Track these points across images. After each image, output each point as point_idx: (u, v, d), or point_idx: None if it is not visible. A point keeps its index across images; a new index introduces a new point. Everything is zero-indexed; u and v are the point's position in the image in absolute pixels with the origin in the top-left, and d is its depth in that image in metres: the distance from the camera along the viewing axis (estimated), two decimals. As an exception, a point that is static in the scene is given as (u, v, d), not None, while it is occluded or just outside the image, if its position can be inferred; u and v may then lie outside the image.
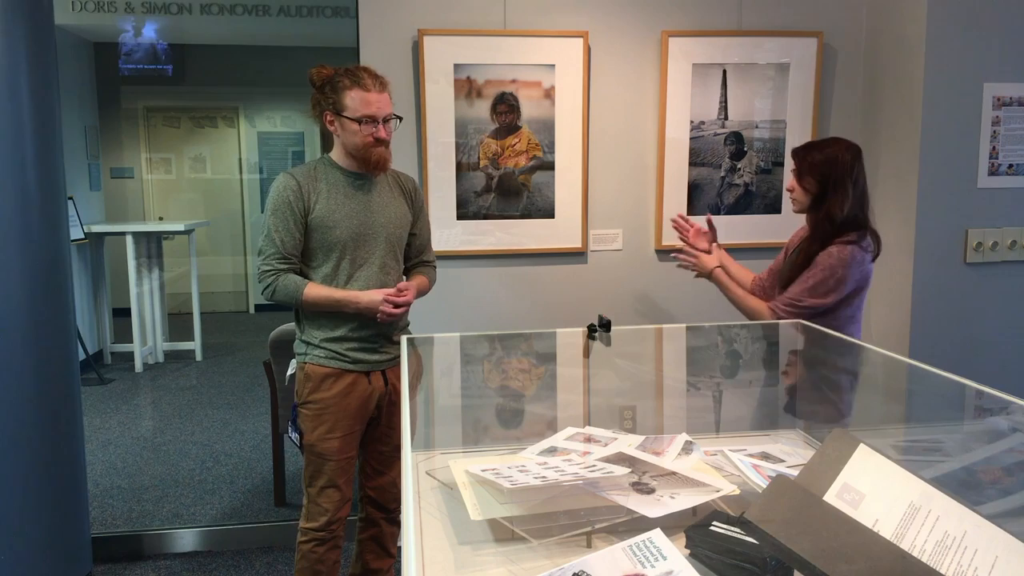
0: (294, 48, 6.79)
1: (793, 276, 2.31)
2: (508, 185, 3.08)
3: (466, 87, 3.00)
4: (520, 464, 1.32)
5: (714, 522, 1.12)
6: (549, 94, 3.05)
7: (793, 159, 2.34)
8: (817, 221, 2.28)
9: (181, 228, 6.34)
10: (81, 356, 4.51)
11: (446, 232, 3.06)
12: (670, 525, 1.09)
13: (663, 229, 3.16)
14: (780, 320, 2.27)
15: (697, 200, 3.18)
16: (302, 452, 2.40)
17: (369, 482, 2.49)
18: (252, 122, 8.10)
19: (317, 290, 2.23)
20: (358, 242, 2.26)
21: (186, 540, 3.21)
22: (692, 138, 3.15)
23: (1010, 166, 3.00)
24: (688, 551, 1.10)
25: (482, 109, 3.02)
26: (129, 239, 6.10)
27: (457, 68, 2.99)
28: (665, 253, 3.16)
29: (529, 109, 3.05)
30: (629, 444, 1.38)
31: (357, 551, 2.56)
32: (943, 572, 0.88)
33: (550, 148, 3.08)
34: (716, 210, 3.19)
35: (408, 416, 1.45)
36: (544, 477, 1.23)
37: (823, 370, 2.17)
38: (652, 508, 1.17)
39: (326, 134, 2.31)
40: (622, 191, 3.17)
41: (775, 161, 3.19)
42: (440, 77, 2.98)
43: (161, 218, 7.87)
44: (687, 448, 1.38)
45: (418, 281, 2.40)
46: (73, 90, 6.34)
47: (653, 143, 3.16)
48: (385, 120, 2.22)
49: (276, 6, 5.89)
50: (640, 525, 1.10)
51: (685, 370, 2.30)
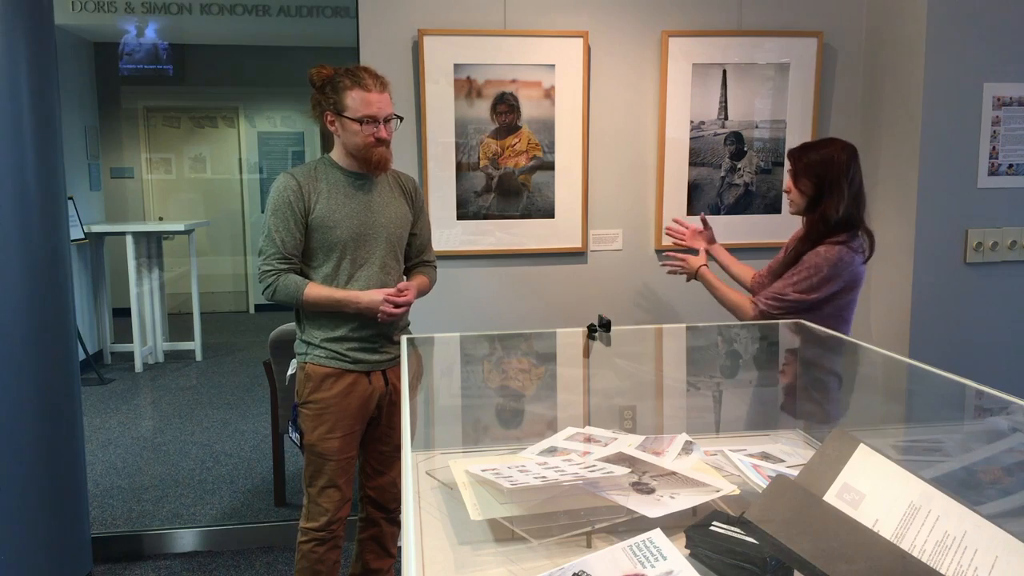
0: (294, 48, 6.79)
1: (783, 274, 2.33)
2: (508, 185, 3.08)
3: (466, 87, 3.00)
4: (520, 464, 1.32)
5: (714, 522, 1.12)
6: (549, 94, 3.05)
7: (789, 160, 2.34)
8: (812, 222, 2.29)
9: (181, 228, 6.35)
10: (81, 356, 4.51)
11: (446, 232, 3.06)
12: (670, 525, 1.09)
13: (663, 229, 3.16)
14: (762, 313, 2.28)
15: (697, 200, 3.18)
16: (302, 452, 2.40)
17: (369, 482, 2.49)
18: (252, 122, 8.10)
19: (318, 290, 2.23)
20: (359, 242, 2.26)
21: (186, 540, 3.21)
22: (692, 138, 3.15)
23: (1010, 166, 3.00)
24: (688, 551, 1.10)
25: (482, 109, 3.02)
26: (129, 239, 6.10)
27: (457, 68, 2.99)
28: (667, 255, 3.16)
29: (529, 109, 3.05)
30: (629, 444, 1.38)
31: (357, 551, 2.56)
32: (943, 572, 0.88)
33: (550, 148, 3.08)
34: (716, 210, 3.19)
35: (408, 416, 1.45)
36: (544, 477, 1.23)
37: (823, 370, 2.17)
38: (652, 508, 1.17)
39: (326, 134, 2.31)
40: (622, 191, 3.17)
41: (775, 161, 3.19)
42: (440, 77, 2.98)
43: (161, 218, 7.87)
44: (687, 448, 1.38)
45: (418, 281, 2.41)
46: (73, 90, 6.34)
47: (653, 143, 3.16)
48: (386, 120, 2.22)
49: (276, 6, 5.89)
50: (640, 525, 1.10)
51: (685, 370, 2.30)
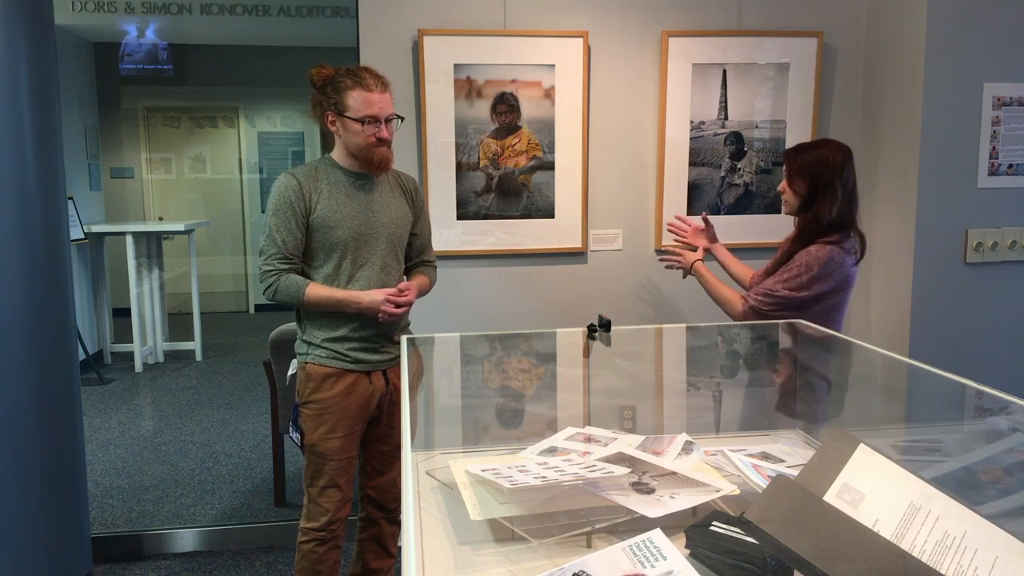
0: (294, 48, 6.79)
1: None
2: (508, 185, 3.08)
3: (466, 87, 3.00)
4: (520, 464, 1.32)
5: (714, 522, 1.12)
6: (549, 94, 3.05)
7: (784, 161, 2.35)
8: (805, 222, 2.29)
9: (181, 228, 6.35)
10: (81, 356, 4.52)
11: (446, 232, 3.06)
12: (670, 525, 1.09)
13: (663, 229, 3.16)
14: (752, 308, 2.28)
15: (697, 200, 3.18)
16: (303, 452, 2.40)
17: (369, 482, 2.49)
18: (252, 122, 8.10)
19: (319, 290, 2.23)
20: (359, 242, 2.26)
21: (186, 540, 3.21)
22: (692, 138, 3.15)
23: (1010, 166, 3.00)
24: (688, 551, 1.10)
25: (482, 109, 3.02)
26: (129, 239, 6.10)
27: (457, 68, 2.99)
28: (665, 253, 3.16)
29: (529, 109, 3.05)
30: (629, 444, 1.38)
31: (357, 551, 2.56)
32: (943, 572, 0.88)
33: (550, 148, 3.08)
34: (716, 210, 3.19)
35: (408, 416, 1.45)
36: (544, 477, 1.23)
37: (823, 370, 2.17)
38: (652, 508, 1.17)
39: (326, 134, 2.31)
40: (622, 191, 3.17)
41: (775, 161, 3.19)
42: (440, 77, 2.98)
43: (161, 218, 7.87)
44: (687, 448, 1.38)
45: (419, 281, 2.41)
46: (73, 90, 6.34)
47: (653, 143, 3.16)
48: (387, 120, 2.22)
49: (276, 6, 5.89)
50: (640, 525, 1.10)
51: (685, 370, 2.30)
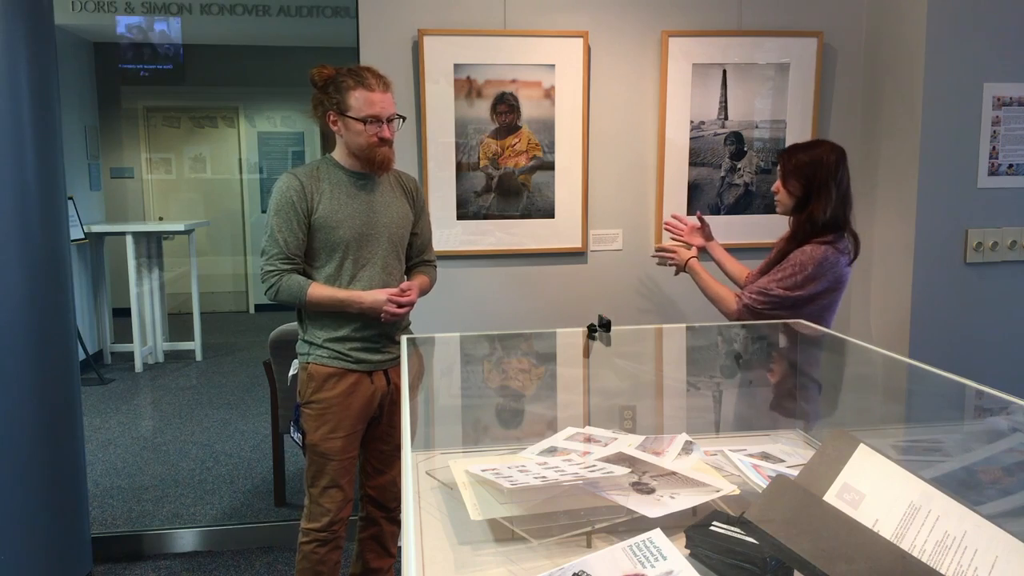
0: (294, 48, 6.79)
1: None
2: (508, 185, 3.08)
3: (466, 87, 3.00)
4: (520, 464, 1.32)
5: (714, 522, 1.12)
6: (549, 94, 3.05)
7: (779, 162, 2.35)
8: (799, 222, 2.30)
9: (181, 228, 6.35)
10: (81, 356, 4.51)
11: (446, 232, 3.06)
12: (670, 525, 1.09)
13: (663, 229, 3.16)
14: (746, 307, 2.28)
15: (697, 200, 3.18)
16: (304, 452, 2.40)
17: (370, 481, 2.49)
18: (252, 122, 8.09)
19: (321, 290, 2.23)
20: (361, 242, 2.26)
21: (186, 540, 3.21)
22: (692, 138, 3.15)
23: (1010, 166, 3.00)
24: (688, 551, 1.10)
25: (482, 109, 3.02)
26: (129, 239, 6.10)
27: (457, 68, 2.99)
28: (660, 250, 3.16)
29: (529, 109, 3.05)
30: (629, 444, 1.39)
31: (357, 550, 2.56)
32: (943, 572, 0.88)
33: (550, 148, 3.08)
34: (716, 210, 3.19)
35: (408, 416, 1.45)
36: (544, 477, 1.23)
37: (823, 370, 2.17)
38: (652, 508, 1.17)
39: (327, 134, 2.31)
40: (622, 191, 3.17)
41: (775, 161, 3.19)
42: (440, 77, 2.98)
43: (161, 218, 7.87)
44: (687, 448, 1.38)
45: (420, 280, 2.41)
46: (73, 90, 6.34)
47: (653, 143, 3.16)
48: (389, 120, 2.22)
49: (276, 6, 5.89)
50: (640, 525, 1.10)
51: (685, 370, 2.30)
